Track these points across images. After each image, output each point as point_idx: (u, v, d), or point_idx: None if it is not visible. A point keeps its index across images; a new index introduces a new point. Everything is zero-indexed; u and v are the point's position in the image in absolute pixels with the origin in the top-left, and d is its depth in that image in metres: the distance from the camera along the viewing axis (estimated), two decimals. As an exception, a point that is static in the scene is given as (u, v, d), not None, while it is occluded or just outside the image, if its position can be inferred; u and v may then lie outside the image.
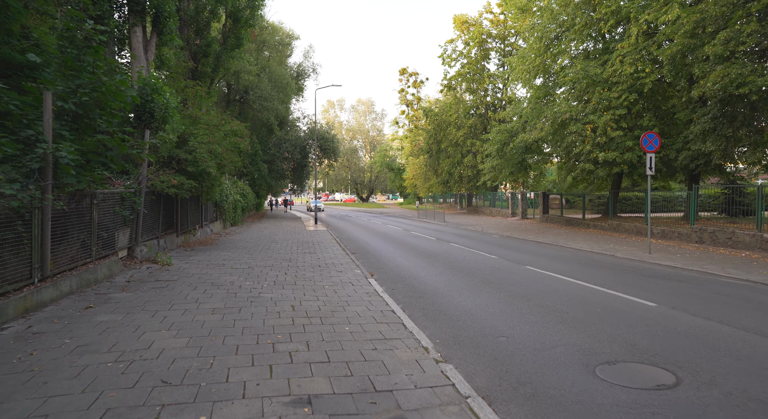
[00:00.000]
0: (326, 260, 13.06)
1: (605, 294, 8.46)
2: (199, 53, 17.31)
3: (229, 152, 14.92)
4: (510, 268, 11.51)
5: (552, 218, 27.01)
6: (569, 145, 19.78)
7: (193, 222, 17.41)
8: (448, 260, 13.18)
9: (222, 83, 37.81)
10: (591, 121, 18.25)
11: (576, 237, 19.03)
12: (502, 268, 11.46)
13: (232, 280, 9.37)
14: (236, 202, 26.46)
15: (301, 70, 44.64)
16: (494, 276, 10.49)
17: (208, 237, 18.88)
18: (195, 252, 13.99)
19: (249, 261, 12.37)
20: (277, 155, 38.70)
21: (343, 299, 8.00)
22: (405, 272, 11.43)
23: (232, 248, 15.44)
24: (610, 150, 18.10)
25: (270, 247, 15.87)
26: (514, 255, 14.07)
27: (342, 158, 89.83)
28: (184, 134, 13.34)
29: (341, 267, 11.85)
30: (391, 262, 13.15)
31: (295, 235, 21.06)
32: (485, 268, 11.54)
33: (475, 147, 41.34)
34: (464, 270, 11.41)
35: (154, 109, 11.81)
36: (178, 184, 12.24)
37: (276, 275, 10.20)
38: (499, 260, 12.95)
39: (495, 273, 10.87)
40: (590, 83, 18.33)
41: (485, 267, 11.67)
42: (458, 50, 45.36)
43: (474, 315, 7.15)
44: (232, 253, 13.91)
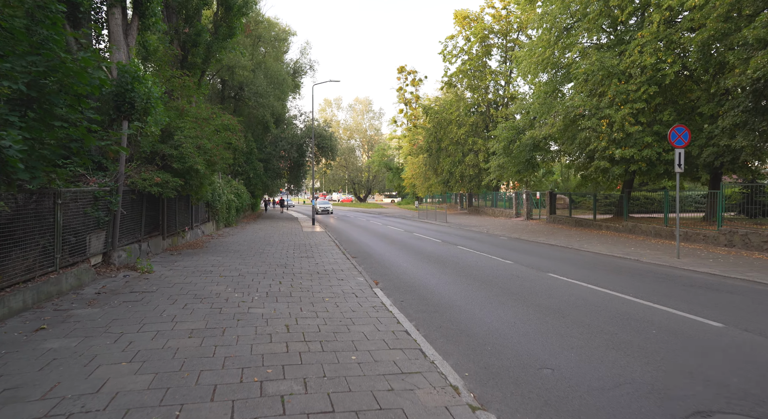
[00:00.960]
0: (325, 265, 11.89)
1: (653, 310, 7.31)
2: (188, 43, 16.11)
3: (219, 148, 13.72)
4: (530, 276, 10.36)
5: (560, 219, 25.90)
6: (582, 142, 18.64)
7: (182, 224, 16.21)
8: (459, 265, 12.03)
9: (216, 79, 36.65)
10: (607, 116, 17.12)
11: (590, 239, 17.91)
12: (521, 276, 10.31)
13: (218, 291, 8.19)
14: (230, 202, 25.26)
15: (298, 67, 43.47)
16: (515, 285, 9.34)
17: (199, 240, 17.69)
18: (182, 256, 12.80)
19: (240, 267, 11.19)
20: (273, 154, 37.49)
21: (346, 315, 6.83)
22: (413, 280, 10.28)
23: (224, 252, 14.26)
24: (627, 146, 16.97)
25: (264, 251, 14.69)
26: (530, 259, 12.93)
27: (339, 158, 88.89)
28: (170, 128, 12.15)
29: (342, 274, 10.69)
30: (396, 268, 12.00)
31: (292, 237, 19.88)
32: (503, 276, 10.39)
33: (477, 145, 40.23)
34: (479, 277, 10.26)
35: (134, 99, 10.63)
36: (161, 182, 11.04)
37: (269, 284, 9.02)
38: (516, 266, 11.81)
39: (515, 281, 9.72)
40: (606, 75, 17.19)
41: (502, 275, 10.52)
42: (459, 46, 44.25)
43: (504, 337, 6.00)
44: (223, 258, 12.73)
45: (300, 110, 51.44)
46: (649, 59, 15.65)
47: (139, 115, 10.76)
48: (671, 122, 16.67)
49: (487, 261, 12.64)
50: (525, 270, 11.11)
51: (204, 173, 12.90)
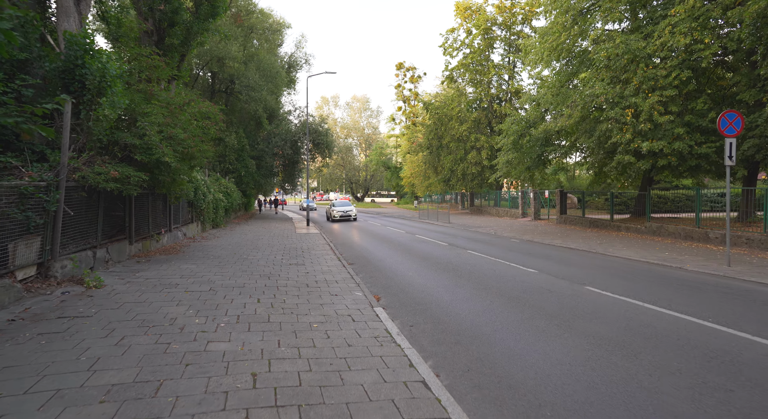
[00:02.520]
0: (317, 275, 10.08)
1: (756, 346, 5.52)
2: (164, 21, 14.26)
3: (197, 139, 11.89)
4: (564, 289, 8.57)
5: (571, 219, 24.14)
6: (602, 135, 16.86)
7: (156, 226, 14.38)
8: (474, 275, 10.23)
9: (206, 72, 34.80)
10: (632, 105, 15.34)
11: (612, 242, 16.14)
12: (553, 290, 8.51)
13: (175, 315, 6.37)
14: (217, 202, 23.42)
15: (293, 61, 41.65)
16: (550, 303, 7.54)
17: (178, 244, 15.85)
18: (150, 264, 10.97)
19: (215, 278, 9.37)
20: (266, 151, 35.65)
21: (339, 352, 5.04)
22: (422, 294, 8.48)
23: (202, 258, 12.43)
24: (655, 139, 15.21)
25: (248, 257, 12.87)
26: (555, 267, 11.14)
27: (336, 156, 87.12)
28: (133, 113, 10.31)
29: (336, 286, 8.89)
30: (400, 278, 10.20)
31: (283, 240, 18.06)
32: (531, 289, 8.60)
33: (480, 142, 38.45)
34: (503, 291, 8.46)
35: (85, 76, 8.83)
36: (120, 176, 9.21)
37: (244, 304, 7.20)
38: (542, 276, 10.01)
39: (548, 298, 7.92)
40: (632, 59, 15.41)
41: (530, 288, 8.72)
42: (460, 40, 42.45)
43: (571, 396, 4.20)
44: (198, 266, 10.90)
45: (295, 105, 49.33)
46: (683, 40, 13.88)
47: (91, 96, 8.94)
48: (705, 111, 14.92)
49: (505, 270, 10.84)
50: (554, 281, 9.31)
51: (176, 167, 11.06)
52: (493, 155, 39.52)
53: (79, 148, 9.15)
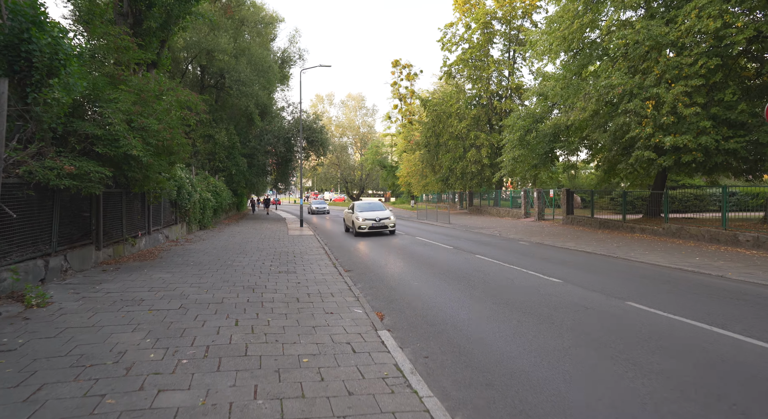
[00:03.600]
0: (310, 286, 8.74)
1: None
2: (140, 2, 12.84)
3: (176, 131, 10.51)
4: (602, 305, 7.25)
5: (579, 220, 22.89)
6: (619, 129, 15.59)
7: (132, 228, 12.98)
8: (490, 285, 8.91)
9: (195, 66, 33.31)
10: (654, 96, 14.08)
11: (631, 245, 14.88)
12: (590, 306, 7.18)
13: (126, 347, 5.00)
14: (204, 202, 21.99)
15: (286, 57, 40.22)
16: (594, 326, 6.22)
17: (157, 247, 14.44)
18: (119, 273, 9.57)
19: (190, 291, 8.00)
20: (258, 148, 34.20)
21: (338, 408, 3.70)
22: (434, 311, 7.15)
23: (180, 265, 11.05)
24: (679, 133, 13.95)
25: (233, 263, 11.50)
26: (580, 275, 9.84)
27: (331, 155, 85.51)
28: (96, 99, 8.92)
29: (332, 301, 7.55)
30: (405, 289, 8.87)
31: (274, 242, 16.69)
32: (563, 305, 7.28)
33: (480, 140, 37.16)
34: (531, 308, 7.14)
35: (32, 52, 7.43)
36: (78, 172, 7.82)
37: (218, 328, 5.83)
38: (569, 287, 8.70)
39: (589, 318, 6.60)
40: (653, 46, 14.14)
41: (561, 304, 7.41)
42: (459, 35, 41.15)
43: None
44: (173, 275, 9.52)
45: (288, 101, 47.61)
46: (712, 24, 12.61)
47: (41, 77, 7.54)
48: (734, 103, 13.68)
49: (524, 279, 9.52)
50: (586, 294, 7.99)
51: (149, 163, 9.66)
52: (494, 153, 38.26)
53: (26, 139, 7.75)
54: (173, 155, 11.60)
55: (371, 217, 20.05)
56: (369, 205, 22.14)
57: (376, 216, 20.11)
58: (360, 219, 20.04)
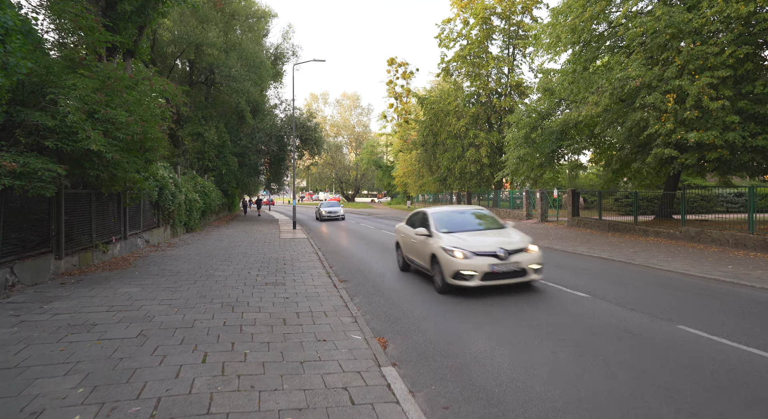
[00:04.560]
0: (300, 301, 7.54)
1: None
2: (113, -17, 11.57)
3: (152, 125, 9.28)
4: (651, 331, 6.07)
5: (586, 222, 21.78)
6: (635, 125, 14.49)
7: (104, 233, 11.72)
8: (508, 301, 7.72)
9: (184, 61, 31.99)
10: (676, 89, 12.97)
11: (649, 250, 13.77)
12: (636, 331, 5.99)
13: (45, 403, 3.77)
14: (191, 203, 20.72)
15: (279, 53, 38.88)
16: (649, 361, 5.05)
17: (134, 254, 13.19)
18: (79, 287, 8.33)
19: (157, 309, 6.78)
20: (249, 147, 32.88)
21: None
22: (447, 336, 5.96)
23: (155, 275, 9.81)
24: (703, 129, 12.85)
25: (215, 273, 10.28)
26: (608, 288, 8.68)
27: (326, 155, 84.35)
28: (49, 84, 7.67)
29: (325, 322, 6.35)
30: (410, 305, 7.67)
31: (263, 247, 15.46)
32: (602, 329, 6.10)
33: (479, 139, 36.01)
34: (563, 333, 5.96)
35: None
36: (23, 169, 6.57)
37: (178, 368, 4.61)
38: (601, 303, 7.53)
39: (639, 349, 5.43)
40: (675, 34, 13.04)
41: (599, 327, 6.24)
42: (456, 31, 39.99)
43: None
44: (143, 289, 8.28)
45: (281, 98, 46.03)
46: (743, 8, 11.51)
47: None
48: (764, 96, 12.58)
49: (546, 292, 8.35)
50: (625, 314, 6.81)
51: (115, 160, 8.40)
52: (494, 152, 37.16)
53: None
54: (149, 152, 10.36)
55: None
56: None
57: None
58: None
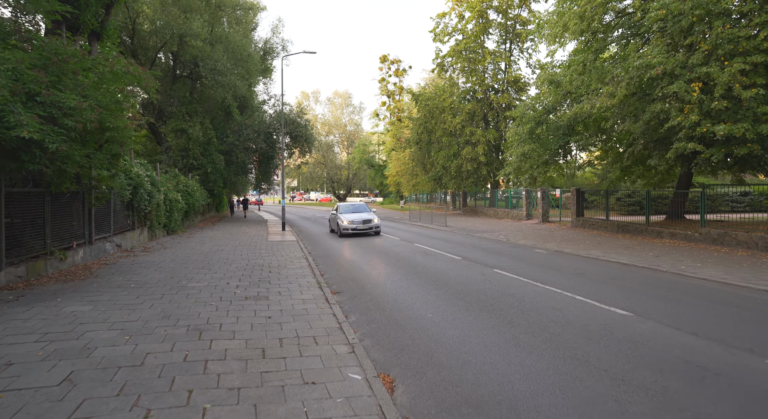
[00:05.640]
0: (284, 325, 6.18)
1: None
2: (74, -47, 10.13)
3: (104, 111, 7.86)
4: (736, 369, 4.80)
5: (591, 222, 20.62)
6: (654, 118, 13.29)
7: (63, 237, 10.26)
8: (535, 321, 6.43)
9: (167, 54, 30.40)
10: (703, 77, 11.78)
11: (671, 254, 12.58)
12: (715, 368, 4.72)
13: None
14: (172, 203, 19.24)
15: (269, 48, 37.45)
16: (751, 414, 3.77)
17: (101, 260, 11.73)
18: (13, 306, 6.90)
19: (102, 339, 5.40)
20: (237, 144, 31.33)
21: None
22: (471, 374, 4.65)
23: (115, 287, 8.39)
24: (732, 121, 11.65)
25: (189, 283, 8.89)
26: (650, 304, 7.42)
27: (317, 154, 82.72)
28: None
29: (315, 354, 5.02)
30: (417, 325, 6.34)
31: (248, 251, 14.06)
32: (670, 367, 4.82)
33: (476, 136, 34.78)
34: (621, 373, 4.67)
35: None
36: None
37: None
38: (649, 325, 6.26)
39: (732, 398, 4.16)
40: (702, 16, 11.84)
41: (665, 363, 4.96)
42: (452, 25, 38.74)
43: None
44: (94, 307, 6.87)
45: (270, 94, 44.13)
46: (782, -15, 10.33)
47: None
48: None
49: (577, 309, 7.07)
50: (688, 341, 5.54)
51: (60, 151, 6.98)
52: (491, 150, 35.96)
53: None
54: (109, 144, 8.94)
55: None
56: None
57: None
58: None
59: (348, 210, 20.80)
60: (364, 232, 19.37)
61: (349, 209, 21.11)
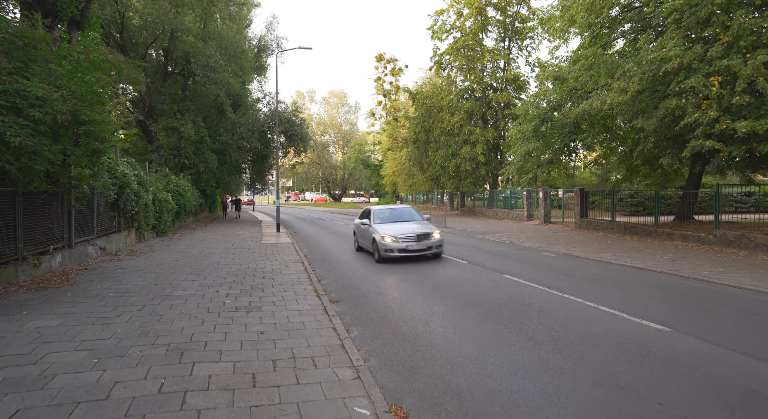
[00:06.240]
0: (278, 343, 5.44)
1: None
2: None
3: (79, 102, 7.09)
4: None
5: (596, 224, 19.97)
6: (669, 114, 12.63)
7: (38, 241, 9.47)
8: (561, 337, 5.72)
9: (159, 51, 29.52)
10: (724, 70, 11.13)
11: (687, 258, 11.94)
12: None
13: None
14: (161, 204, 18.43)
15: (263, 45, 36.63)
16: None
17: (81, 265, 10.93)
18: (-20, 318, 6.12)
19: (65, 362, 4.64)
20: (230, 143, 30.50)
21: None
22: (497, 407, 3.92)
23: (92, 297, 7.62)
24: (753, 116, 11.00)
25: (174, 292, 8.13)
26: (684, 317, 6.74)
27: (312, 154, 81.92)
28: None
29: (313, 378, 4.28)
30: (426, 340, 5.62)
31: (240, 255, 13.30)
32: (739, 402, 4.12)
33: (474, 135, 34.11)
34: (685, 409, 3.96)
35: None
36: None
37: None
38: (692, 342, 5.58)
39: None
40: (723, 6, 11.16)
41: (732, 397, 4.27)
42: (449, 23, 38.07)
43: None
44: (63, 321, 6.11)
45: (264, 92, 42.92)
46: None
47: None
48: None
49: (605, 322, 6.36)
50: (746, 365, 4.84)
51: (25, 146, 6.21)
52: (489, 150, 35.30)
53: None
54: (85, 138, 8.16)
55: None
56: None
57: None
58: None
59: (387, 218, 13.38)
60: (419, 254, 11.92)
61: (388, 216, 13.58)
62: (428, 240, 12.00)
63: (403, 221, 13.26)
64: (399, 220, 13.33)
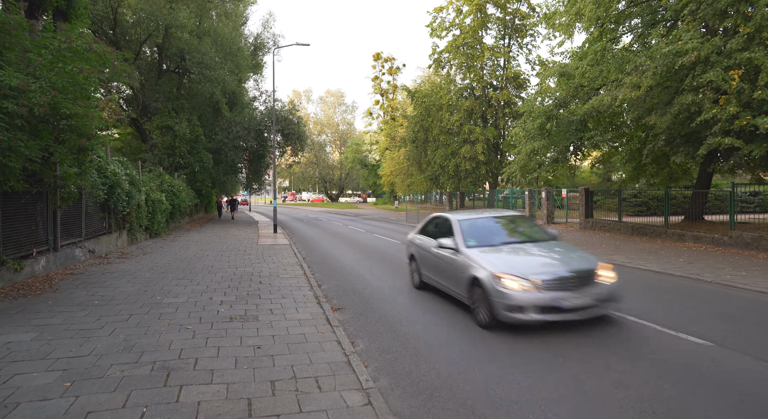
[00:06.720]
0: (278, 356, 4.86)
1: None
2: None
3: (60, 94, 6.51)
4: None
5: (602, 224, 19.46)
6: (684, 110, 12.12)
7: (20, 244, 8.87)
8: (588, 350, 5.17)
9: (153, 48, 28.85)
10: (743, 63, 10.61)
11: (704, 260, 11.43)
12: None
13: None
14: (154, 204, 17.80)
15: (260, 43, 35.95)
16: None
17: (67, 270, 10.31)
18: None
19: (35, 385, 4.04)
20: (226, 142, 29.86)
21: None
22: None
23: (74, 305, 7.02)
24: (777, 112, 10.52)
25: (164, 299, 7.53)
26: (723, 329, 6.19)
27: (309, 154, 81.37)
28: None
29: (318, 404, 3.71)
30: (442, 355, 5.04)
31: (236, 257, 12.70)
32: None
33: (475, 134, 33.56)
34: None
35: None
36: None
37: None
38: (749, 362, 5.03)
39: None
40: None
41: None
42: (449, 20, 37.51)
43: None
44: (39, 335, 5.51)
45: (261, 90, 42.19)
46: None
47: None
48: None
49: (638, 335, 5.81)
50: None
51: (1, 142, 5.62)
52: (490, 149, 34.77)
53: None
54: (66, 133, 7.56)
55: None
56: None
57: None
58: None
59: (491, 237, 7.26)
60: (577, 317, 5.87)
61: (492, 232, 7.52)
62: (591, 287, 5.96)
63: (522, 242, 7.22)
64: (513, 241, 7.24)
